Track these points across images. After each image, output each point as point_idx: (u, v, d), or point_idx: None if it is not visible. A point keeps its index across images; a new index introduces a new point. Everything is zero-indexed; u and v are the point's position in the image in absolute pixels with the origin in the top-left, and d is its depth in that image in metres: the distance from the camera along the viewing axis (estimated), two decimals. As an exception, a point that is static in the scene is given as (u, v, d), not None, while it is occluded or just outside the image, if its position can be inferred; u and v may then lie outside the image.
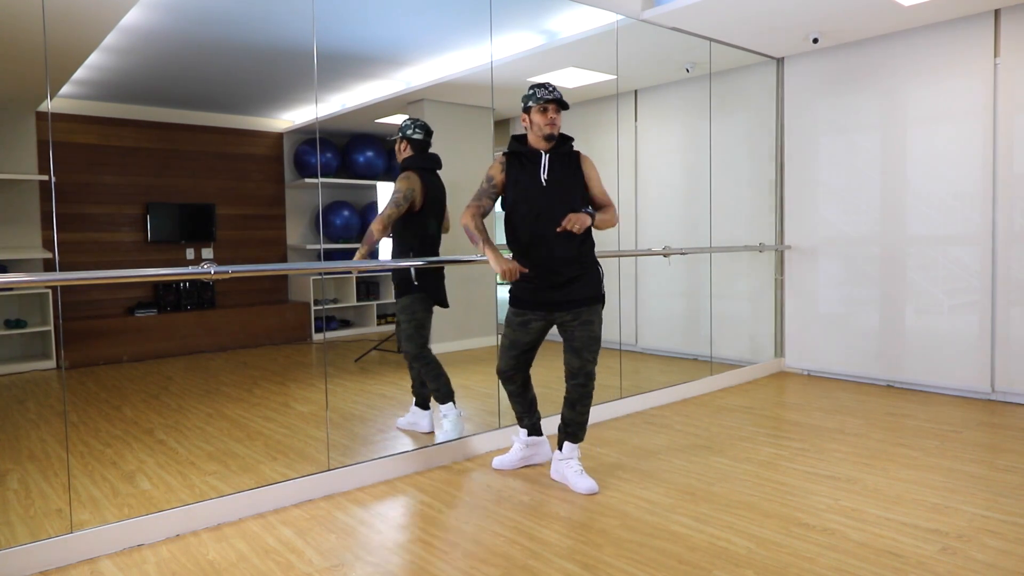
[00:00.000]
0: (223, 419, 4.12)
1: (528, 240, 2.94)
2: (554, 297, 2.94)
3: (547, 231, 2.91)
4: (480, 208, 3.02)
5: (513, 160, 3.01)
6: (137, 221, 6.40)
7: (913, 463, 3.24)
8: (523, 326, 3.02)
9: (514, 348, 3.06)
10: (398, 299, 3.65)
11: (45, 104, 5.45)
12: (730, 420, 4.07)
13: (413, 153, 3.69)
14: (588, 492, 2.93)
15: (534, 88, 2.97)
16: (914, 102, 4.65)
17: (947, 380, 4.56)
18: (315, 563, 2.35)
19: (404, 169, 3.64)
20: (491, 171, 3.04)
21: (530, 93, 2.97)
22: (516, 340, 3.05)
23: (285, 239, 7.26)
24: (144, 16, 4.06)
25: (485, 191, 3.05)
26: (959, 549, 2.36)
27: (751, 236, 5.44)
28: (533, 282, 2.95)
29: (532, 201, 2.94)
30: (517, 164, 3.00)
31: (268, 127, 7.19)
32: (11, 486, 3.07)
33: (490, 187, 3.04)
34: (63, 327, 5.86)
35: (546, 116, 2.92)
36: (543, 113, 2.93)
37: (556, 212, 2.90)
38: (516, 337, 3.04)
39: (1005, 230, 4.30)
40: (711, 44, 4.88)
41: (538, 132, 2.95)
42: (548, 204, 2.92)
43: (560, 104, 2.91)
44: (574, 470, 3.01)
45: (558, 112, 2.93)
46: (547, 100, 2.90)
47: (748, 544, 2.43)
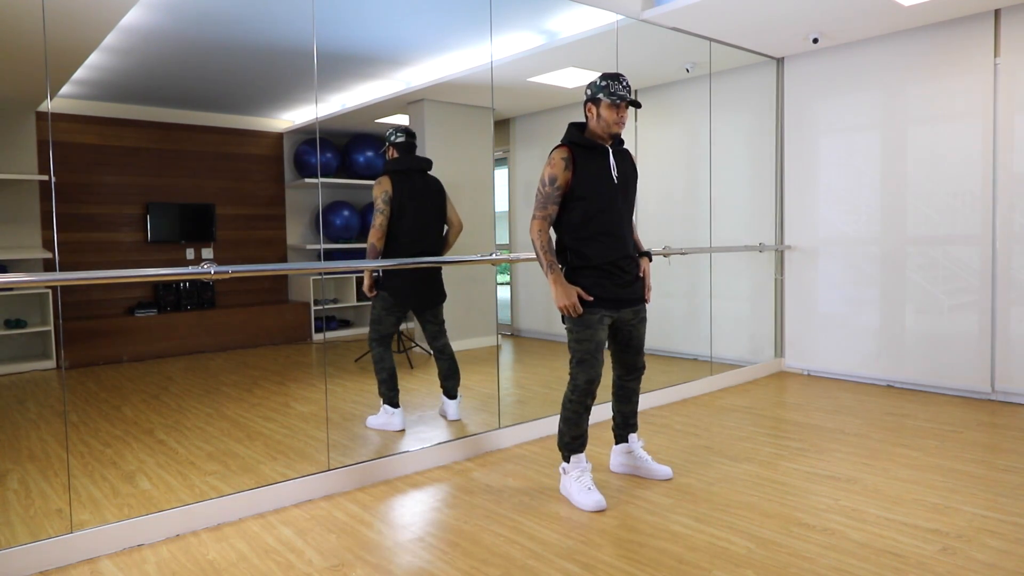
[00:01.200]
0: (223, 419, 4.12)
1: (598, 236, 2.80)
2: (623, 294, 2.85)
3: (619, 229, 2.83)
4: (548, 219, 2.81)
5: (579, 152, 2.81)
6: (137, 221, 6.40)
7: (913, 463, 3.24)
8: (600, 323, 2.80)
9: (599, 350, 2.79)
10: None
11: (45, 104, 5.45)
12: (730, 420, 4.07)
13: (397, 156, 3.81)
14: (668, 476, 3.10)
15: (607, 80, 2.78)
16: (914, 102, 4.65)
17: (947, 380, 4.56)
18: (315, 563, 2.35)
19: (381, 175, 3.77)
20: (552, 170, 2.78)
21: (603, 84, 2.78)
22: (601, 340, 2.79)
23: (285, 239, 7.26)
24: (144, 16, 4.06)
25: (550, 196, 2.79)
26: (959, 549, 2.36)
27: (751, 236, 5.44)
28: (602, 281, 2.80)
29: (605, 197, 2.80)
30: (584, 156, 2.81)
31: (268, 127, 7.18)
32: (11, 486, 3.07)
33: (555, 190, 2.79)
34: (63, 327, 5.86)
35: (617, 113, 2.79)
36: (614, 110, 2.78)
37: (623, 210, 2.85)
38: (600, 337, 2.79)
39: (1005, 230, 4.30)
40: (711, 44, 4.88)
41: (605, 129, 2.81)
42: (617, 201, 2.83)
43: (634, 105, 2.79)
44: (647, 459, 3.13)
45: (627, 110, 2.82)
46: (622, 99, 2.76)
47: (748, 544, 2.43)
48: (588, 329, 2.78)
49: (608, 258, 2.81)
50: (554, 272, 2.76)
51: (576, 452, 2.88)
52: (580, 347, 2.78)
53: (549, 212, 2.80)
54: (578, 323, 2.78)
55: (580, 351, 2.78)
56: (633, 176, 2.94)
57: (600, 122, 2.81)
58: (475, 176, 5.04)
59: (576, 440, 2.87)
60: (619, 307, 2.85)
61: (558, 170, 2.78)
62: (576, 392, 2.80)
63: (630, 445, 3.15)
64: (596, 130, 2.85)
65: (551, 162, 2.80)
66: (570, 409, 2.83)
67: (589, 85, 2.85)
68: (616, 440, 3.20)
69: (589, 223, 2.79)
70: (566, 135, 2.87)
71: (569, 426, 2.85)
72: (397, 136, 3.81)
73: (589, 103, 2.84)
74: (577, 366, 2.79)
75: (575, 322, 2.78)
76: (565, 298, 2.73)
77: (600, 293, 2.79)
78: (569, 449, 2.88)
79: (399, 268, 3.69)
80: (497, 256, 3.47)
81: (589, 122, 2.86)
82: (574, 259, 2.82)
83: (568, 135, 2.86)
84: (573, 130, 2.88)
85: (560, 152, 2.80)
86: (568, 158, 2.78)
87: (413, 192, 3.75)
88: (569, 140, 2.84)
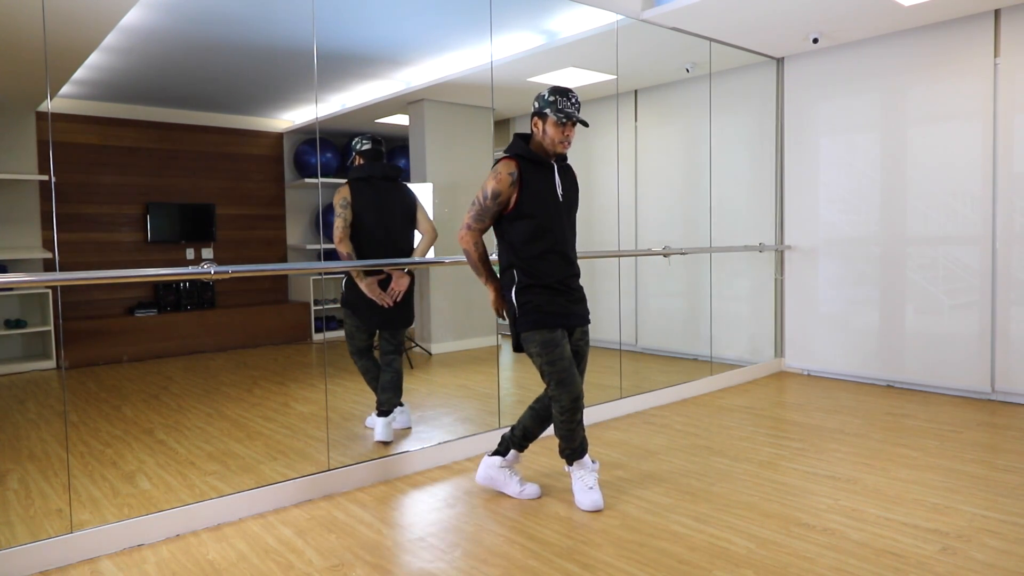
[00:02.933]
0: (223, 419, 4.12)
1: (547, 255, 2.74)
2: (576, 310, 2.81)
3: (565, 247, 2.79)
4: (483, 231, 2.77)
5: (526, 167, 2.72)
6: (137, 221, 6.40)
7: (913, 463, 3.24)
8: (563, 338, 2.74)
9: (572, 364, 2.74)
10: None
11: (45, 104, 5.45)
12: (730, 420, 4.07)
13: (361, 164, 3.70)
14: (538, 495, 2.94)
15: (556, 95, 2.71)
16: (914, 102, 4.64)
17: (947, 380, 4.56)
18: (315, 563, 2.35)
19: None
20: (497, 185, 2.68)
21: (551, 100, 2.70)
22: (569, 355, 2.74)
23: (285, 239, 7.25)
24: (144, 16, 4.06)
25: (488, 210, 2.72)
26: (959, 549, 2.36)
27: (751, 236, 5.44)
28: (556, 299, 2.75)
29: (551, 216, 2.74)
30: (531, 172, 2.73)
31: (268, 127, 7.18)
32: (11, 486, 3.07)
33: (495, 205, 2.71)
34: (63, 327, 5.85)
35: (563, 132, 2.72)
36: (560, 128, 2.71)
37: (567, 228, 2.81)
38: (568, 352, 2.74)
39: (1005, 230, 4.30)
40: (711, 44, 4.88)
41: (550, 146, 2.75)
42: (563, 219, 2.78)
43: (581, 123, 2.73)
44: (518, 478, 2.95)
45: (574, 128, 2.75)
46: (569, 118, 2.69)
47: (748, 544, 2.43)
48: (556, 348, 2.71)
49: (558, 276, 2.76)
50: (491, 281, 2.82)
51: (579, 457, 2.84)
52: (555, 368, 2.70)
53: (485, 225, 2.76)
54: (545, 345, 2.70)
55: (556, 371, 2.70)
56: (576, 195, 2.89)
57: (545, 138, 2.74)
58: (475, 176, 5.03)
59: (575, 450, 2.82)
60: (572, 323, 2.79)
61: (503, 185, 2.69)
62: (565, 412, 2.73)
63: (507, 459, 2.95)
64: (541, 146, 2.77)
65: (496, 175, 2.69)
66: (564, 428, 2.76)
67: (537, 98, 2.76)
68: (496, 450, 2.98)
69: (537, 241, 2.72)
70: (512, 146, 2.77)
71: (568, 440, 2.79)
72: (362, 144, 3.68)
73: (536, 117, 2.75)
74: (558, 387, 2.70)
75: (541, 344, 2.70)
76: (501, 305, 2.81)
77: (556, 309, 2.74)
78: (575, 456, 2.83)
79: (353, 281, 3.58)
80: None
81: (535, 135, 2.77)
82: (524, 277, 2.74)
83: (515, 147, 2.76)
84: (520, 142, 2.77)
85: (507, 166, 2.70)
86: (515, 173, 2.69)
87: (375, 201, 3.60)
88: (516, 153, 2.74)
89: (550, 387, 2.74)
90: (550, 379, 2.73)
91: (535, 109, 2.76)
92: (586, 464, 2.84)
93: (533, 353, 2.75)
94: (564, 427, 2.77)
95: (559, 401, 2.72)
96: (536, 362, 2.75)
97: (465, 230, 2.77)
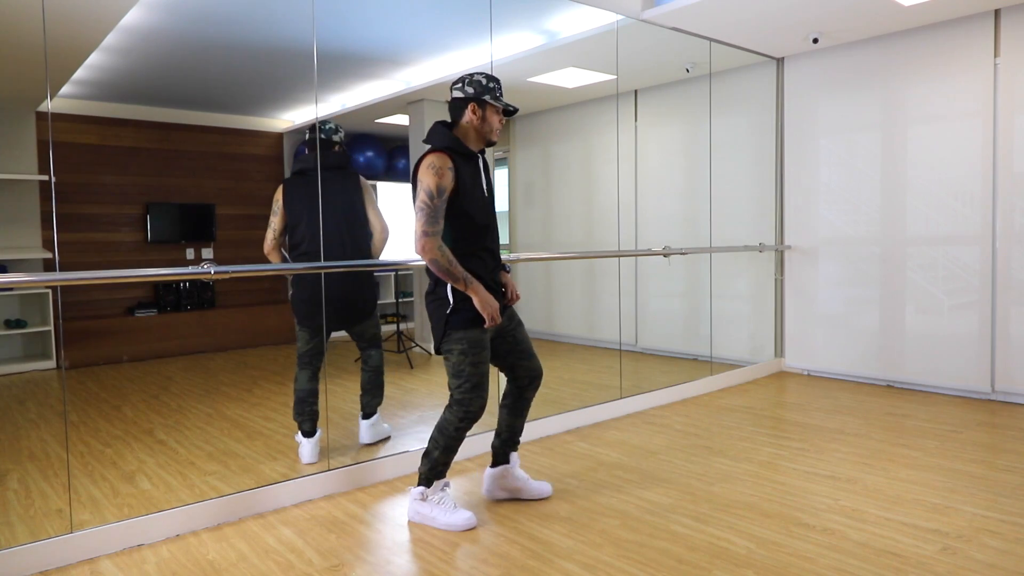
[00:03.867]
0: (223, 419, 4.12)
1: (481, 253, 2.62)
2: (501, 304, 2.69)
3: (495, 244, 2.69)
4: (439, 235, 2.49)
5: (458, 161, 2.54)
6: (137, 221, 6.40)
7: (913, 463, 3.24)
8: (489, 341, 2.64)
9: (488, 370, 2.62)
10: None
11: (45, 104, 5.45)
12: (730, 420, 4.07)
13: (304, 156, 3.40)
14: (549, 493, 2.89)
15: (494, 82, 2.58)
16: (914, 102, 4.65)
17: (947, 380, 4.56)
18: (315, 563, 2.35)
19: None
20: (441, 181, 2.47)
21: (491, 86, 2.58)
22: (488, 358, 2.63)
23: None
24: (144, 16, 4.06)
25: (439, 210, 2.48)
26: (959, 549, 2.36)
27: (751, 236, 5.44)
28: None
29: (484, 212, 2.61)
30: (462, 165, 2.56)
31: (268, 127, 7.18)
32: (11, 486, 3.07)
33: (443, 203, 2.49)
34: (63, 327, 5.86)
35: (500, 120, 2.62)
36: (498, 116, 2.61)
37: (493, 223, 2.69)
38: (489, 355, 2.63)
39: (1005, 230, 4.30)
40: (711, 44, 4.88)
41: (486, 134, 2.61)
42: (492, 214, 2.69)
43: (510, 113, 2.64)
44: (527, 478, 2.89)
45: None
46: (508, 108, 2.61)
47: (748, 544, 2.43)
48: (484, 350, 2.58)
49: (490, 273, 2.64)
50: (475, 283, 2.53)
51: (441, 478, 2.69)
52: (477, 370, 2.56)
53: (440, 228, 2.48)
54: (473, 344, 2.55)
55: (477, 375, 2.56)
56: (492, 185, 2.75)
57: (484, 126, 2.59)
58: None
59: (447, 466, 2.68)
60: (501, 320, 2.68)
61: (447, 181, 2.48)
62: (466, 419, 2.57)
63: (511, 465, 2.87)
64: (471, 134, 2.61)
65: (438, 171, 2.47)
66: (454, 437, 2.60)
67: (469, 82, 2.58)
68: (495, 461, 2.88)
69: (472, 239, 2.58)
70: (440, 138, 2.57)
71: (447, 453, 2.63)
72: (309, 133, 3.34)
73: (473, 103, 2.57)
74: (472, 391, 2.55)
75: (469, 343, 2.55)
76: (491, 307, 2.54)
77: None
78: (436, 475, 2.67)
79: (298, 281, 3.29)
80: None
81: (465, 123, 2.60)
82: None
83: (443, 139, 2.56)
84: (446, 132, 2.58)
85: (443, 160, 2.49)
86: (452, 168, 2.51)
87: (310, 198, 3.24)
88: (447, 146, 2.55)
89: (461, 389, 2.57)
90: (468, 381, 2.55)
91: (470, 94, 2.57)
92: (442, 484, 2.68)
93: (456, 351, 2.56)
94: (456, 436, 2.61)
95: (468, 406, 2.56)
96: (455, 361, 2.57)
97: (424, 238, 2.46)
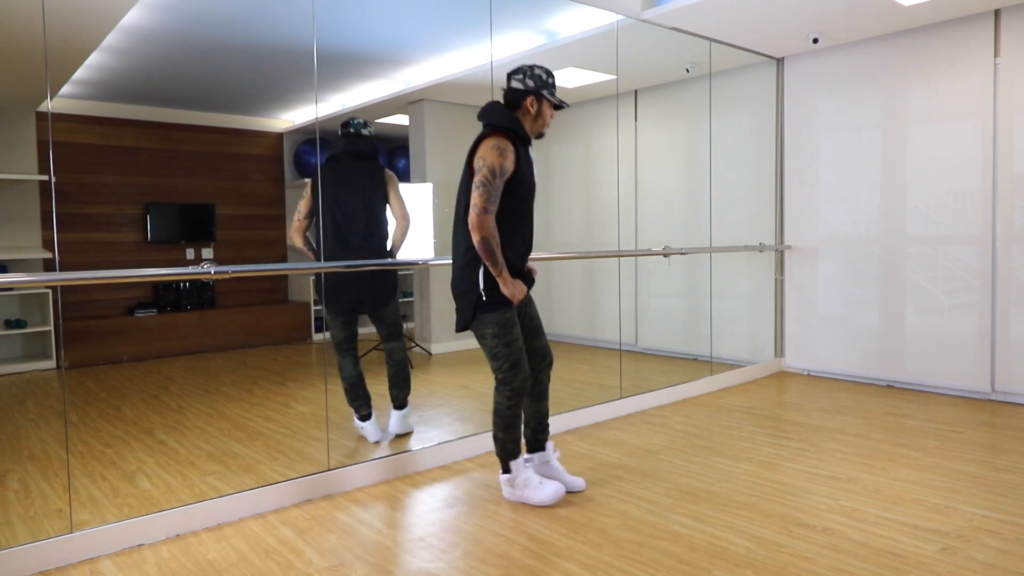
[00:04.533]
0: (223, 419, 4.12)
1: (517, 238, 2.70)
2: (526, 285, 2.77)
3: (530, 231, 2.78)
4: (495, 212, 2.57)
5: (518, 145, 2.62)
6: (137, 221, 6.40)
7: (913, 463, 3.24)
8: (516, 319, 2.73)
9: (523, 345, 2.73)
10: None
11: (45, 104, 5.45)
12: (730, 420, 4.07)
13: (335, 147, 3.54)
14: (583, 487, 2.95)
15: (551, 77, 2.71)
16: (914, 102, 4.65)
17: (947, 380, 4.56)
18: (315, 563, 2.35)
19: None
20: (504, 161, 2.54)
21: (549, 81, 2.70)
22: (520, 334, 2.72)
23: (285, 239, 7.25)
24: (144, 16, 4.06)
25: (499, 189, 2.56)
26: (959, 549, 2.36)
27: (751, 236, 5.44)
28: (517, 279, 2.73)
29: (529, 197, 2.71)
30: (521, 150, 2.63)
31: (268, 127, 7.18)
32: (11, 486, 3.07)
33: (502, 183, 2.56)
34: (63, 327, 5.85)
35: (552, 115, 2.76)
36: (551, 111, 2.75)
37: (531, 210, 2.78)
38: (520, 332, 2.73)
39: (1005, 230, 4.30)
40: (711, 44, 4.88)
41: (540, 127, 2.73)
42: (533, 201, 2.78)
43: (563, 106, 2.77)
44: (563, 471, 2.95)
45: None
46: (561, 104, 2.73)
47: (748, 544, 2.43)
48: (514, 327, 2.69)
49: (523, 254, 2.74)
50: (506, 272, 2.62)
51: (515, 457, 2.80)
52: (511, 349, 2.67)
53: (496, 207, 2.57)
54: (504, 326, 2.65)
55: (513, 353, 2.67)
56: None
57: (538, 120, 2.70)
58: (475, 176, 5.03)
59: (516, 443, 2.79)
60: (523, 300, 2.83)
61: (509, 164, 2.56)
62: (514, 396, 2.69)
63: (546, 454, 2.92)
64: (527, 123, 2.71)
65: (502, 152, 2.54)
66: (508, 416, 2.72)
67: (530, 75, 2.66)
68: (529, 449, 2.95)
69: (515, 221, 2.66)
70: (503, 118, 2.63)
71: (509, 432, 2.75)
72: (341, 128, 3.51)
73: (532, 96, 2.67)
74: (511, 369, 2.67)
75: (500, 325, 2.65)
76: (520, 291, 2.65)
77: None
78: (511, 455, 2.79)
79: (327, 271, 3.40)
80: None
81: (523, 112, 2.69)
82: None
83: (507, 120, 2.64)
84: (509, 114, 2.66)
85: (508, 144, 2.57)
86: (514, 152, 2.59)
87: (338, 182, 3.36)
88: (510, 128, 2.63)
89: (502, 370, 2.68)
90: (506, 361, 2.66)
91: (530, 87, 2.67)
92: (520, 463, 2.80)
93: (489, 335, 2.67)
94: (510, 415, 2.71)
95: (511, 384, 2.67)
96: (491, 344, 2.67)
97: (484, 214, 2.53)
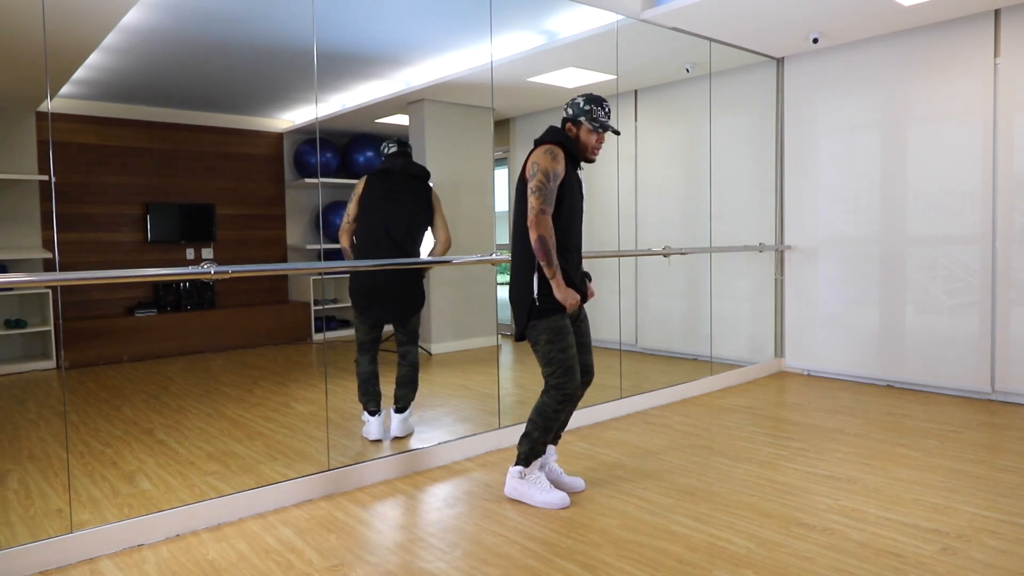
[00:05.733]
0: (223, 419, 4.12)
1: (566, 252, 2.79)
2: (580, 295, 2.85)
3: (578, 243, 2.87)
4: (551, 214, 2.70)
5: (568, 160, 2.78)
6: (137, 221, 6.40)
7: (913, 463, 3.24)
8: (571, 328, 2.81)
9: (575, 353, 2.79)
10: None
11: (45, 104, 5.45)
12: (730, 420, 4.07)
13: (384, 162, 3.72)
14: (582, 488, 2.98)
15: (591, 104, 2.77)
16: (914, 102, 4.65)
17: (947, 380, 4.56)
18: (315, 563, 2.35)
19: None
20: (556, 165, 2.68)
21: (586, 108, 2.77)
22: (573, 342, 2.79)
23: (285, 239, 7.26)
24: (144, 16, 4.06)
25: (554, 192, 2.69)
26: (959, 549, 2.36)
27: (751, 236, 5.44)
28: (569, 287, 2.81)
29: (575, 210, 2.82)
30: (569, 163, 2.79)
31: (268, 127, 7.18)
32: (11, 486, 3.07)
33: (556, 187, 2.69)
34: (63, 327, 5.86)
35: (596, 139, 2.82)
36: (594, 135, 2.80)
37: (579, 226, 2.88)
38: (573, 340, 2.79)
39: (1005, 230, 4.30)
40: (711, 44, 4.88)
41: (582, 151, 2.83)
42: (582, 216, 2.89)
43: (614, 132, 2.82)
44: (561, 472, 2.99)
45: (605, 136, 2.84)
46: (604, 127, 2.78)
47: (748, 544, 2.43)
48: (568, 334, 2.75)
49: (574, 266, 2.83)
50: (559, 274, 2.71)
51: (539, 457, 2.86)
52: (565, 355, 2.74)
53: (552, 209, 2.69)
54: (557, 332, 2.73)
55: (567, 359, 2.74)
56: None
57: (579, 145, 2.82)
58: (475, 176, 5.04)
59: (545, 445, 2.85)
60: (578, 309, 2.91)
61: (560, 168, 2.70)
62: (565, 401, 2.75)
63: (546, 458, 2.97)
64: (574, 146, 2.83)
65: (554, 157, 2.69)
66: (553, 419, 2.77)
67: (571, 104, 2.81)
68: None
69: (563, 233, 2.76)
70: (556, 135, 2.79)
71: (545, 434, 2.80)
72: (388, 147, 3.73)
73: (569, 123, 2.82)
74: (565, 375, 2.73)
75: (553, 332, 2.73)
76: (572, 297, 2.72)
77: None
78: (537, 455, 2.84)
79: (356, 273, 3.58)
80: (497, 256, 3.46)
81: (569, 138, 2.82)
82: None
83: (559, 135, 2.79)
84: (562, 132, 2.82)
85: (558, 151, 2.72)
86: (564, 160, 2.73)
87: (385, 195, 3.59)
88: (560, 142, 2.77)
89: (555, 375, 2.74)
90: (559, 367, 2.73)
91: (569, 116, 2.81)
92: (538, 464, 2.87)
93: (543, 340, 2.75)
94: (553, 418, 2.77)
95: (564, 389, 2.73)
96: (544, 350, 2.75)
97: (542, 215, 2.66)
